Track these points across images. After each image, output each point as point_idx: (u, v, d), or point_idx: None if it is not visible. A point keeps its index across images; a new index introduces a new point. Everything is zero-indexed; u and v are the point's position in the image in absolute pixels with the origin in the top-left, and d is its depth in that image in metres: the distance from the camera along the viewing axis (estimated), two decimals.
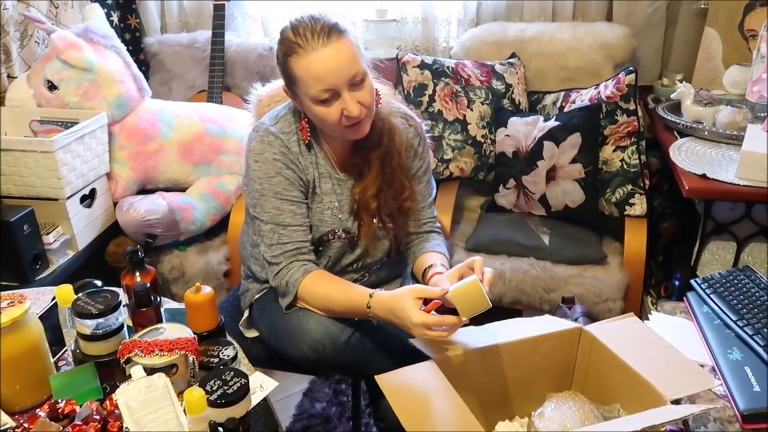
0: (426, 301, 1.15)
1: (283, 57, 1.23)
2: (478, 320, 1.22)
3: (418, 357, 1.11)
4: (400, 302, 1.15)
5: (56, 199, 1.82)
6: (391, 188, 1.38)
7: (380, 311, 1.20)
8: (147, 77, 2.36)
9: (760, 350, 1.19)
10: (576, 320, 1.54)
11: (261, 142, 1.32)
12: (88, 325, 1.09)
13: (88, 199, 1.94)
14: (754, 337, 1.22)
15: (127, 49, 2.13)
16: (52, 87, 1.95)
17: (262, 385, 1.10)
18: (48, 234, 1.80)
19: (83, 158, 1.88)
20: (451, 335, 1.14)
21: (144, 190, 2.13)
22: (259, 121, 1.37)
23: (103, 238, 2.01)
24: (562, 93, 2.18)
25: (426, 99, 2.13)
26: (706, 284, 1.41)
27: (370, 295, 1.22)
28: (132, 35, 2.45)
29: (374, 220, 1.38)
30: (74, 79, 1.94)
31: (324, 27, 1.19)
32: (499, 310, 1.67)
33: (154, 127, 2.08)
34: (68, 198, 1.84)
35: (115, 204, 2.04)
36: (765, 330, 1.22)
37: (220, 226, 2.16)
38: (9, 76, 2.02)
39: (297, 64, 1.20)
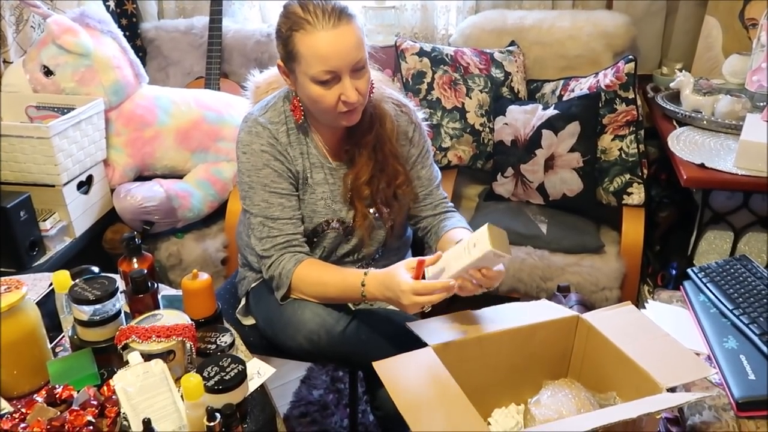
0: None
1: (288, 31, 1.21)
2: (476, 304, 1.23)
3: (414, 347, 1.11)
4: (392, 272, 1.17)
5: (53, 186, 1.82)
6: (384, 174, 1.37)
7: (374, 287, 1.20)
8: (144, 63, 2.35)
9: (756, 339, 1.19)
10: (571, 308, 1.54)
11: (249, 133, 1.31)
12: (85, 311, 1.09)
13: (85, 185, 1.94)
14: (750, 326, 1.22)
15: (124, 35, 2.12)
16: (48, 72, 1.94)
17: (259, 371, 1.10)
18: (45, 220, 1.80)
19: (80, 144, 1.87)
20: (447, 321, 1.15)
21: (141, 177, 2.12)
22: (249, 112, 1.36)
23: (100, 224, 2.01)
24: (561, 81, 2.17)
25: (424, 87, 2.12)
26: (703, 273, 1.41)
27: (365, 273, 1.22)
28: (129, 21, 2.44)
29: (370, 210, 1.38)
30: (70, 65, 1.93)
31: (335, 9, 1.19)
32: (495, 299, 1.67)
33: (151, 113, 2.07)
34: (65, 184, 1.83)
35: (112, 191, 2.04)
36: (761, 319, 1.23)
37: (218, 213, 2.16)
38: (5, 61, 2.01)
39: (303, 40, 1.19)
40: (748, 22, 2.22)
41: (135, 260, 1.26)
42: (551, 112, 2.00)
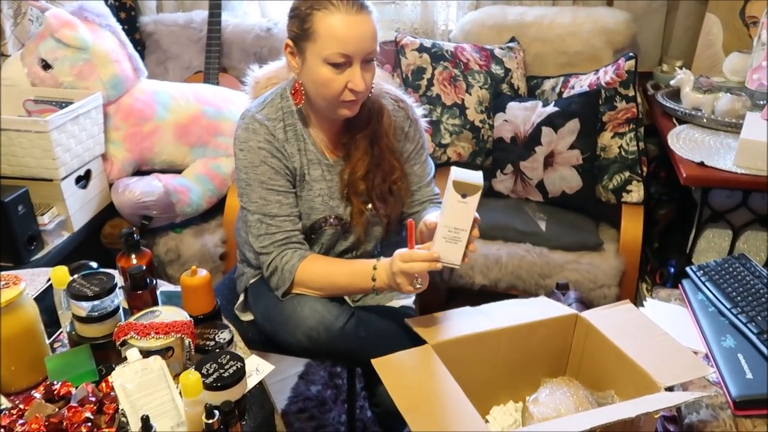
0: None
1: (308, 9, 1.20)
2: (475, 301, 1.23)
3: (413, 344, 1.11)
4: (392, 259, 1.19)
5: (51, 180, 1.81)
6: (380, 169, 1.37)
7: (384, 272, 1.22)
8: (143, 57, 2.34)
9: (754, 338, 1.20)
10: (570, 306, 1.55)
11: (246, 129, 1.31)
12: (83, 307, 1.09)
13: (83, 180, 1.93)
14: (748, 324, 1.23)
15: (123, 29, 2.11)
16: (46, 66, 1.93)
17: (257, 368, 1.10)
18: (43, 215, 1.79)
19: (78, 138, 1.87)
20: (446, 318, 1.16)
21: (140, 172, 2.11)
22: (246, 108, 1.36)
23: (99, 219, 2.01)
24: (562, 78, 2.17)
25: (424, 83, 2.12)
26: (702, 272, 1.42)
27: (377, 260, 1.24)
28: (127, 14, 2.42)
29: (367, 207, 1.38)
30: (69, 59, 1.92)
31: None
32: (494, 296, 1.68)
33: (149, 108, 2.06)
34: (63, 179, 1.82)
35: (110, 185, 2.03)
36: (759, 318, 1.23)
37: (216, 208, 2.15)
38: (2, 55, 2.00)
39: (323, 19, 1.19)
40: (748, 19, 2.22)
41: (134, 256, 1.25)
42: (551, 109, 2.00)
